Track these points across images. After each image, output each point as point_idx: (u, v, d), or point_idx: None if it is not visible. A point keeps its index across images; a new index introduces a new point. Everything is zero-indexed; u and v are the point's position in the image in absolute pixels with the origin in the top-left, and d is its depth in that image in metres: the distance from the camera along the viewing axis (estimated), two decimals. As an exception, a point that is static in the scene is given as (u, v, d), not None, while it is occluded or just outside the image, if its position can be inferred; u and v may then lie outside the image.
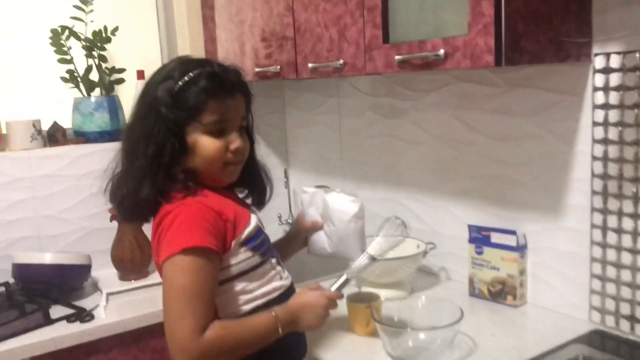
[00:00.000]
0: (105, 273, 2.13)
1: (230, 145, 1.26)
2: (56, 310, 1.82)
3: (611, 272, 1.51)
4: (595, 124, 1.49)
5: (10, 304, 1.82)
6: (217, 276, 1.18)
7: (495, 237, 1.72)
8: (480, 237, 1.76)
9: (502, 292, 1.73)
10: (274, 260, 1.34)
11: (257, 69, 2.08)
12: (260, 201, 1.44)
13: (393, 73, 1.64)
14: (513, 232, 1.68)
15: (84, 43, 2.19)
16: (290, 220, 2.57)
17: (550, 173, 1.61)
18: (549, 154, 1.61)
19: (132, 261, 2.06)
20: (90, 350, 1.75)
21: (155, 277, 2.10)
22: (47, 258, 1.88)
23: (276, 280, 1.32)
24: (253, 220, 1.29)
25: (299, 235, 1.58)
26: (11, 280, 1.94)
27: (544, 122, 1.61)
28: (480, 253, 1.76)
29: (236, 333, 1.16)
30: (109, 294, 1.94)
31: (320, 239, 1.55)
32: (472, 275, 1.80)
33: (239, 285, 1.23)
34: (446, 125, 1.89)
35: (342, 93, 2.31)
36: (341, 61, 1.69)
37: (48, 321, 1.75)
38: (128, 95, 2.30)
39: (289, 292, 1.36)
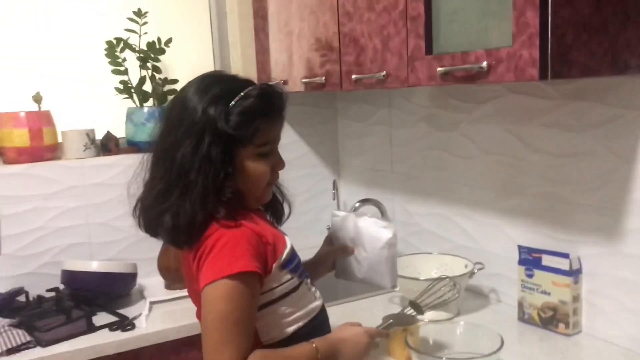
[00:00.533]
0: (153, 281, 2.15)
1: (277, 167, 1.27)
2: (101, 318, 1.85)
3: (674, 304, 1.38)
4: (657, 141, 1.37)
5: (58, 309, 1.87)
6: (256, 302, 1.15)
7: (547, 260, 1.61)
8: (530, 259, 1.65)
9: (553, 319, 1.61)
10: (308, 281, 1.31)
11: (304, 80, 2.05)
12: (278, 219, 1.40)
13: (436, 85, 1.57)
14: (566, 255, 1.57)
15: (138, 54, 2.23)
16: (339, 233, 2.52)
17: (609, 193, 1.49)
18: (607, 172, 1.49)
19: (177, 270, 2.06)
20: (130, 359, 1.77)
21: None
22: (94, 266, 1.92)
23: (312, 300, 1.30)
24: (288, 242, 1.26)
25: (327, 259, 1.54)
26: (61, 286, 1.99)
27: (602, 138, 1.49)
28: (530, 276, 1.66)
29: None
30: (152, 303, 1.96)
31: (350, 264, 1.50)
32: (521, 299, 1.69)
33: (281, 308, 1.21)
34: (498, 139, 1.79)
35: (393, 104, 2.24)
36: (384, 72, 1.63)
37: (91, 328, 1.78)
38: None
39: (322, 312, 1.33)
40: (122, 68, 2.22)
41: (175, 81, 2.31)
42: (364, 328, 1.28)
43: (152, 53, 2.25)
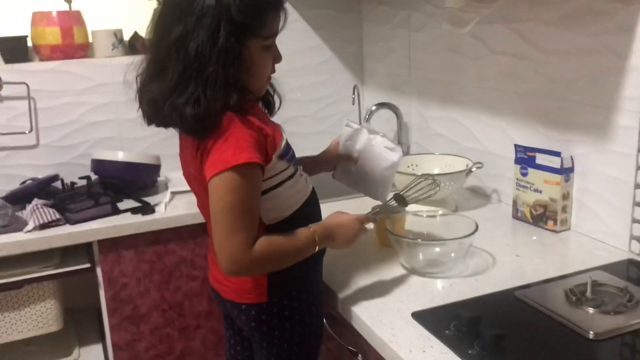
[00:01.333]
0: (179, 174, 2.28)
1: (276, 60, 1.26)
2: (126, 204, 2.02)
3: (654, 200, 1.39)
4: (651, 35, 1.35)
5: (88, 194, 2.05)
6: (260, 189, 1.20)
7: (541, 158, 1.64)
8: (526, 158, 1.68)
9: (543, 216, 1.65)
10: (300, 168, 1.38)
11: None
12: (270, 110, 1.40)
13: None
14: (558, 154, 1.59)
15: (164, -44, 2.29)
16: (360, 137, 2.58)
17: (603, 91, 1.49)
18: (602, 69, 1.48)
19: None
20: (150, 240, 1.94)
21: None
22: (120, 156, 2.08)
23: (305, 185, 1.36)
24: (284, 134, 1.30)
25: (330, 161, 1.57)
26: (93, 175, 2.17)
27: (599, 34, 1.47)
28: (525, 174, 1.69)
29: (281, 247, 1.20)
30: (173, 193, 2.11)
31: (351, 173, 1.55)
32: (516, 197, 1.73)
33: (280, 193, 1.27)
34: (504, 38, 1.78)
35: (413, 5, 2.23)
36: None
37: (115, 211, 1.96)
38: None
39: (313, 194, 1.39)
40: (147, -31, 2.28)
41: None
42: (354, 215, 1.34)
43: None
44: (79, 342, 2.11)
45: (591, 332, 1.12)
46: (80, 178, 2.16)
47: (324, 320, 1.43)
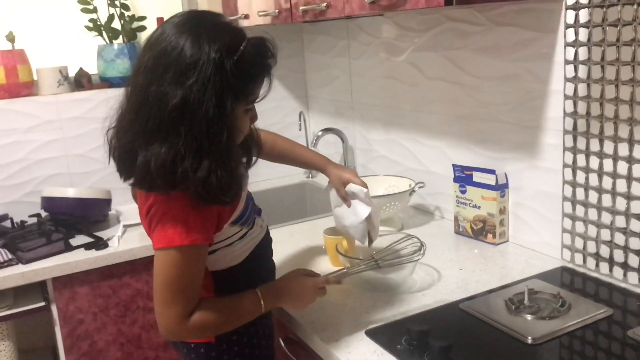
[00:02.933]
0: (130, 207, 2.30)
1: (252, 120, 1.23)
2: (78, 239, 2.03)
3: (580, 211, 1.52)
4: (567, 62, 1.48)
5: (39, 232, 2.05)
6: (204, 264, 1.19)
7: (477, 177, 1.75)
8: (463, 176, 1.79)
9: (482, 230, 1.76)
10: (256, 219, 1.34)
11: (260, 13, 2.14)
12: (247, 161, 1.37)
13: (366, 14, 1.68)
14: (492, 172, 1.71)
15: (107, -7, 2.33)
16: (307, 161, 2.66)
17: (529, 113, 1.61)
18: (527, 93, 1.61)
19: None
20: (105, 275, 1.96)
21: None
22: (70, 192, 2.09)
23: (258, 235, 1.35)
24: (243, 196, 1.28)
25: (330, 180, 1.56)
26: (43, 213, 2.17)
27: (523, 61, 1.60)
28: (463, 192, 1.80)
29: (220, 315, 1.19)
30: (125, 226, 2.13)
31: (340, 208, 1.55)
32: (457, 213, 1.84)
33: (230, 250, 1.26)
34: (438, 65, 1.90)
35: (350, 35, 2.34)
36: (325, 3, 1.73)
37: (69, 248, 1.96)
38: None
39: (264, 240, 1.39)
40: (90, 7, 2.32)
41: (143, 18, 2.41)
42: (313, 280, 1.30)
43: (120, -9, 2.34)
44: (35, 382, 2.09)
45: (529, 338, 1.21)
46: (31, 216, 2.16)
47: (282, 344, 1.49)
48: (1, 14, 2.28)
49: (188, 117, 1.06)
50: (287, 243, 1.89)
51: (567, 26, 1.46)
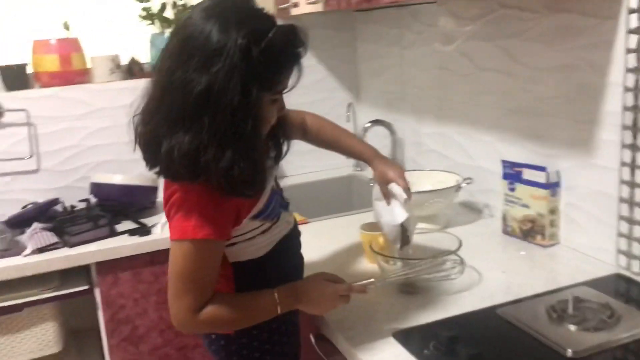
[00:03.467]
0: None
1: (280, 111, 1.18)
2: (124, 225, 2.06)
3: (638, 213, 1.39)
4: (628, 50, 1.35)
5: (87, 217, 2.09)
6: (218, 259, 1.15)
7: (527, 174, 1.64)
8: (513, 173, 1.69)
9: (531, 231, 1.66)
10: (282, 214, 1.29)
11: (309, 0, 2.10)
12: (277, 158, 1.32)
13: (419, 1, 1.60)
14: (543, 169, 1.60)
15: (160, -19, 2.34)
16: (357, 154, 2.60)
17: (584, 106, 1.49)
18: (583, 84, 1.49)
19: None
20: (147, 261, 1.98)
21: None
22: (117, 179, 2.12)
23: (283, 229, 1.30)
24: (267, 189, 1.23)
25: (376, 174, 1.49)
26: (93, 200, 2.21)
27: (579, 50, 1.48)
28: (512, 190, 1.70)
29: (231, 312, 1.16)
30: (170, 214, 2.14)
31: (380, 202, 1.50)
32: (505, 212, 1.74)
33: (251, 244, 1.23)
34: (490, 55, 1.80)
35: (403, 24, 2.25)
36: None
37: (113, 233, 2.00)
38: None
39: (293, 231, 1.35)
40: (144, -5, 2.34)
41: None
42: (334, 287, 1.23)
43: (173, -20, 2.35)
44: (80, 363, 2.14)
45: (570, 350, 1.12)
46: (80, 201, 2.20)
47: (313, 341, 1.45)
48: (57, 3, 2.33)
49: (212, 105, 1.02)
50: (327, 237, 1.84)
51: (631, 11, 1.33)
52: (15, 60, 2.24)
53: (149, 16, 2.36)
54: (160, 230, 2.01)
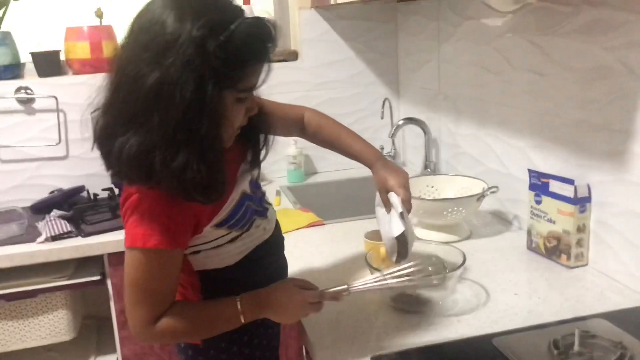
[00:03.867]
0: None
1: (249, 112, 1.08)
2: (142, 216, 2.04)
3: (672, 240, 1.21)
4: (668, 52, 1.17)
5: (108, 206, 2.08)
6: (174, 269, 1.07)
7: (554, 186, 1.48)
8: (539, 184, 1.53)
9: (556, 250, 1.49)
10: (256, 221, 1.19)
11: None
12: (254, 161, 1.21)
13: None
14: (571, 182, 1.43)
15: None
16: (392, 153, 2.47)
17: (620, 114, 1.32)
18: (620, 89, 1.31)
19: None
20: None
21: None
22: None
23: (259, 236, 1.20)
24: (235, 193, 1.14)
25: (376, 181, 1.35)
26: (116, 189, 2.20)
27: (617, 49, 1.30)
28: (539, 202, 1.53)
29: (191, 322, 1.09)
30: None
31: (381, 209, 1.37)
32: (530, 226, 1.58)
33: (217, 252, 1.14)
34: (524, 52, 1.63)
35: (441, 15, 2.10)
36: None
37: (128, 225, 1.97)
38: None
39: (273, 238, 1.26)
40: (177, -17, 2.30)
41: None
42: (303, 295, 1.13)
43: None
44: (96, 351, 2.15)
45: (564, 395, 0.98)
46: (104, 190, 2.20)
47: (304, 354, 1.36)
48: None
49: (163, 102, 0.94)
50: (336, 241, 1.74)
51: (671, 6, 1.15)
52: (48, 47, 2.26)
53: (182, 5, 2.32)
54: (175, 223, 1.97)
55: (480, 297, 1.35)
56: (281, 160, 2.42)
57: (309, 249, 1.70)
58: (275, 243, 1.27)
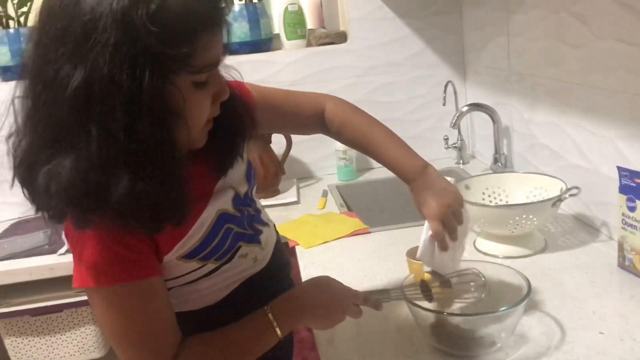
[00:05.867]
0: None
1: (218, 97, 0.86)
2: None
3: None
4: None
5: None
6: (156, 301, 0.86)
7: (654, 189, 1.14)
8: (633, 186, 1.19)
9: (657, 271, 1.16)
10: (242, 248, 0.97)
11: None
12: (220, 165, 0.96)
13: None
14: (677, 184, 1.09)
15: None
16: (458, 145, 2.16)
17: None
18: None
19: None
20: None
21: (285, 197, 1.99)
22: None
23: (249, 267, 0.99)
24: (207, 214, 0.91)
25: (413, 195, 1.10)
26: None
27: None
28: (632, 209, 1.20)
29: (221, 352, 0.89)
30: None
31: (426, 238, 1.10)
32: (622, 238, 1.24)
33: (190, 289, 0.93)
34: (612, 17, 1.28)
35: (509, -18, 1.77)
36: None
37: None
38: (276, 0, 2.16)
39: (272, 267, 1.04)
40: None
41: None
42: (351, 292, 0.96)
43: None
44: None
45: None
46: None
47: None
48: None
49: (96, 107, 0.72)
50: (381, 255, 1.47)
51: None
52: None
53: None
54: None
55: (552, 333, 1.05)
56: (331, 156, 2.17)
57: (348, 263, 1.45)
58: (272, 275, 1.03)
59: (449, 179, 1.12)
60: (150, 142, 0.73)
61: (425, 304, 1.02)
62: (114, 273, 0.81)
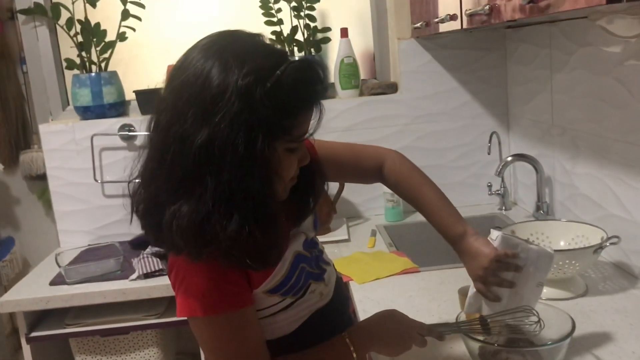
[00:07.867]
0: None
1: (302, 162, 1.01)
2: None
3: None
4: None
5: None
6: (251, 327, 0.99)
7: (690, 241, 1.24)
8: (670, 238, 1.29)
9: (693, 317, 1.25)
10: (311, 286, 1.09)
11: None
12: (298, 217, 1.11)
13: (522, 18, 1.28)
14: None
15: (293, 4, 2.27)
16: (501, 192, 2.27)
17: None
18: None
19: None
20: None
21: (335, 235, 2.12)
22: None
23: (316, 302, 1.11)
24: (288, 255, 1.05)
25: (462, 257, 1.21)
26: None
27: None
28: (670, 259, 1.30)
29: None
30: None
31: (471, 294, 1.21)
32: (659, 286, 1.34)
33: (269, 321, 1.05)
34: (651, 83, 1.41)
35: (553, 43, 1.90)
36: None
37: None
38: (333, 53, 2.33)
39: (335, 302, 1.16)
40: (275, 19, 2.28)
41: (328, 29, 2.31)
42: (417, 324, 1.08)
43: (307, 2, 2.26)
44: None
45: None
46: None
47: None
48: (192, 28, 2.37)
49: (216, 163, 0.88)
50: (431, 292, 1.59)
51: None
52: (151, 84, 2.32)
53: (280, 40, 2.30)
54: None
55: (595, 373, 1.15)
56: (379, 197, 2.31)
57: (400, 299, 1.57)
58: (335, 309, 1.15)
59: (493, 230, 1.21)
60: (258, 193, 0.89)
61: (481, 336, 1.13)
62: (219, 303, 0.95)
